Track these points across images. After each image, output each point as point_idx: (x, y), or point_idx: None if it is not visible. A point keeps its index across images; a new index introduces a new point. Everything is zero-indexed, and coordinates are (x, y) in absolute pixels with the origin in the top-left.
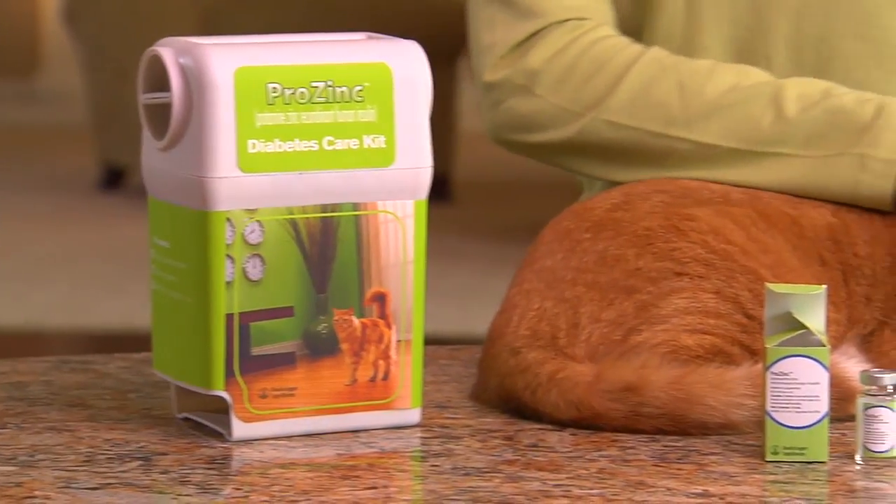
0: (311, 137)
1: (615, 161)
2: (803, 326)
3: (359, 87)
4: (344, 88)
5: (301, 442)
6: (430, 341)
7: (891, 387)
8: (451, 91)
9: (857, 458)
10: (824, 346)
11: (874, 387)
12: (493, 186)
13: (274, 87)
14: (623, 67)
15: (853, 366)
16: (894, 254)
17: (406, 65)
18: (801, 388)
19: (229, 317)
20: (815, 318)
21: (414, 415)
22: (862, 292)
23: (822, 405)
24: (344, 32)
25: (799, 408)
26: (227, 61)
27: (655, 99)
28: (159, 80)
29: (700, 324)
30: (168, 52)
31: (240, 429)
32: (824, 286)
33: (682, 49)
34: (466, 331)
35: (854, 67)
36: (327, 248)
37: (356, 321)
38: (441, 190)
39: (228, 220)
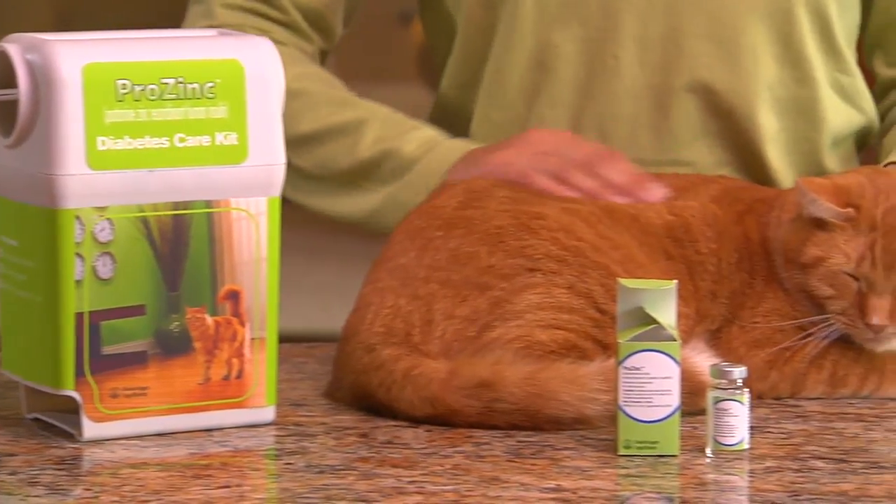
0: (161, 134)
1: None
2: (655, 321)
3: (210, 84)
4: (195, 85)
5: (153, 441)
6: (290, 339)
7: (740, 381)
8: None
9: (708, 451)
10: (675, 340)
11: (724, 381)
12: None
13: (123, 84)
14: None
15: (703, 360)
16: (740, 251)
17: (258, 61)
18: (653, 382)
19: (79, 316)
20: (666, 313)
21: (268, 413)
22: (707, 288)
23: (674, 399)
24: (196, 29)
25: (651, 402)
26: (76, 58)
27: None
28: (6, 77)
29: (553, 319)
30: (15, 48)
31: (90, 429)
32: (675, 281)
33: (535, 49)
34: (329, 328)
35: (699, 66)
36: (179, 245)
37: (209, 319)
38: None
39: (78, 217)
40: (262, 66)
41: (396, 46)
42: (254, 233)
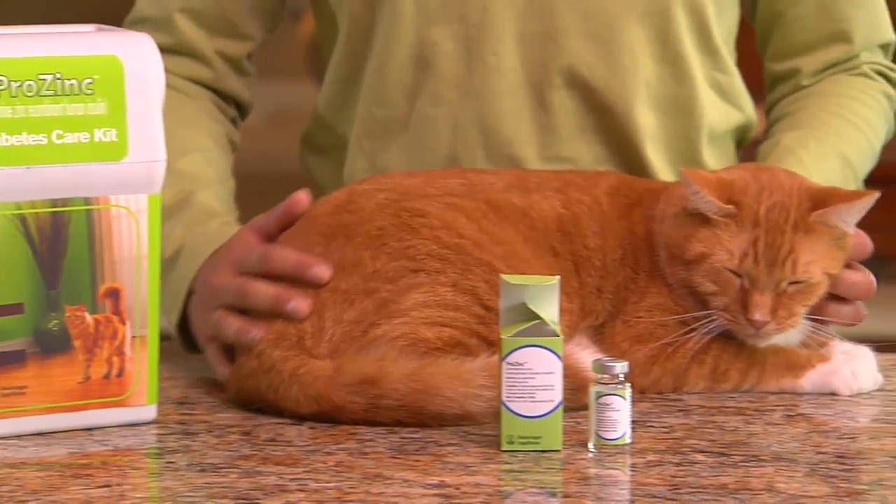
0: (39, 131)
1: None
2: (537, 317)
3: (88, 80)
4: (73, 81)
5: (32, 441)
6: (171, 337)
7: (622, 375)
8: None
9: (590, 445)
10: (558, 336)
11: (606, 375)
12: (243, 180)
13: (0, 80)
14: None
15: (586, 356)
16: (624, 246)
17: (137, 57)
18: (536, 377)
19: None
20: (549, 309)
21: (149, 411)
22: (593, 283)
23: (556, 395)
24: (74, 24)
25: (533, 397)
26: None
27: None
28: None
29: (439, 316)
30: None
31: None
32: (557, 277)
33: (415, 47)
34: None
35: (578, 64)
36: (58, 243)
37: (89, 317)
38: None
39: None
40: (141, 63)
41: (285, 42)
42: (134, 230)
